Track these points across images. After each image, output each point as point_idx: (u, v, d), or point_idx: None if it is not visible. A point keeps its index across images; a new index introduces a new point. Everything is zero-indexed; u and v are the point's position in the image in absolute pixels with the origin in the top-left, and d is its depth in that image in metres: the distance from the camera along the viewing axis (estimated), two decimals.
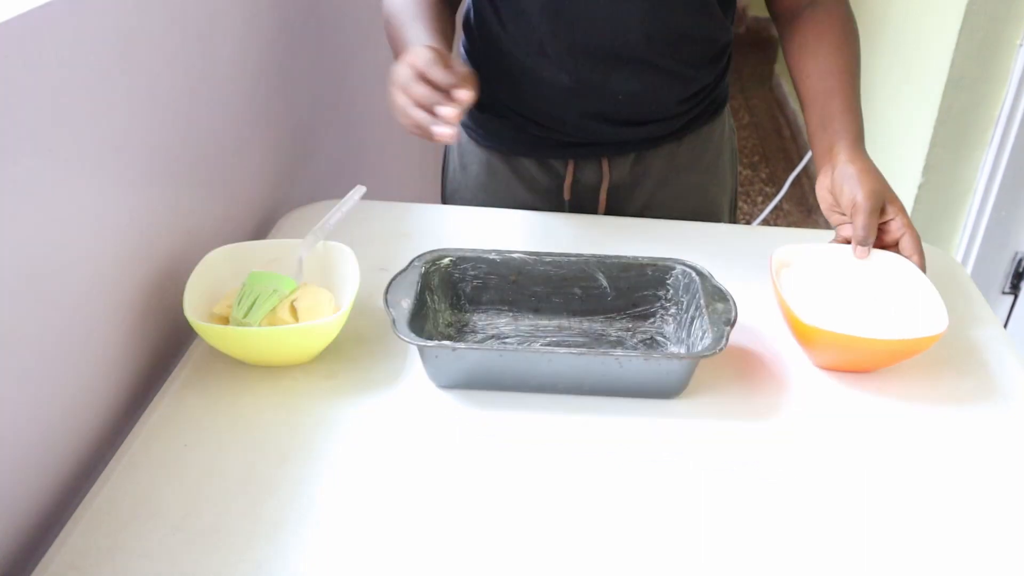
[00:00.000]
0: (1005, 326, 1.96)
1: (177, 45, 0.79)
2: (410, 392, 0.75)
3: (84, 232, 0.67)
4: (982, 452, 0.71)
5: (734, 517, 0.64)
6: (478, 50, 1.02)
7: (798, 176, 2.63)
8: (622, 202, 1.07)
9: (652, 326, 0.84)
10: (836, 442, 0.71)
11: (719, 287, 0.79)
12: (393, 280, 0.79)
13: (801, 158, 2.82)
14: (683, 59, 0.98)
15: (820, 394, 0.76)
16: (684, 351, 0.79)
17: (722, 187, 1.12)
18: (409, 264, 0.81)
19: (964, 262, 1.97)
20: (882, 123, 2.23)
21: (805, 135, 3.20)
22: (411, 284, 0.78)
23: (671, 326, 0.83)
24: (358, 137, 1.42)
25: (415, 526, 0.62)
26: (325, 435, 0.70)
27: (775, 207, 2.83)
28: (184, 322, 0.73)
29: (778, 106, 3.69)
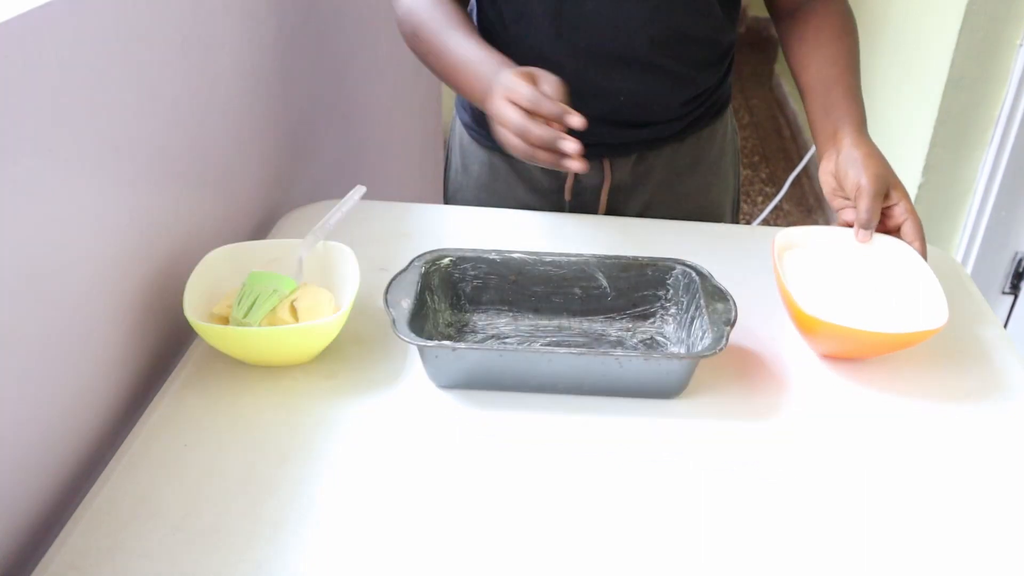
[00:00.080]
0: (1005, 326, 1.96)
1: (177, 45, 0.79)
2: (410, 392, 0.75)
3: (84, 232, 0.67)
4: (982, 452, 0.71)
5: (734, 517, 0.64)
6: None
7: (798, 176, 2.62)
8: (623, 203, 1.07)
9: (652, 326, 0.84)
10: (836, 442, 0.71)
11: (719, 287, 0.79)
12: (393, 280, 0.79)
13: (801, 158, 2.82)
14: (686, 61, 0.97)
15: (820, 394, 0.76)
16: (684, 351, 0.79)
17: (725, 188, 1.12)
18: (409, 264, 0.81)
19: (964, 262, 1.97)
20: (882, 123, 2.22)
21: (805, 135, 3.21)
22: (411, 284, 0.78)
23: (671, 326, 0.83)
24: (358, 137, 1.42)
25: (415, 526, 0.62)
26: (325, 435, 0.70)
27: (775, 207, 2.83)
28: (184, 322, 0.74)
29: (778, 106, 3.69)
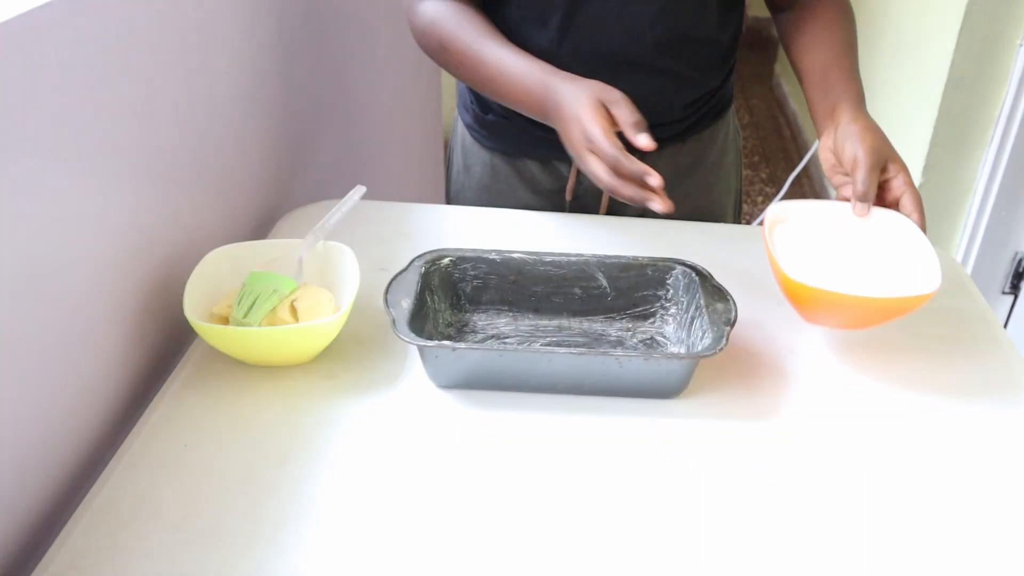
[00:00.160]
0: (1005, 326, 1.96)
1: (177, 45, 0.79)
2: (410, 392, 0.75)
3: (84, 232, 0.67)
4: (983, 452, 0.71)
5: (734, 517, 0.64)
6: None
7: (798, 176, 2.62)
8: (624, 204, 1.07)
9: (652, 326, 0.84)
10: (836, 442, 0.71)
11: (719, 287, 0.79)
12: (393, 280, 0.79)
13: (801, 158, 2.82)
14: (690, 63, 0.98)
15: (820, 394, 0.76)
16: (684, 351, 0.79)
17: (727, 188, 1.12)
18: (409, 264, 0.81)
19: (964, 262, 1.97)
20: (882, 123, 2.19)
21: (805, 135, 3.21)
22: (411, 284, 0.78)
23: (671, 326, 0.83)
24: (358, 137, 1.42)
25: (415, 526, 0.62)
26: (325, 435, 0.70)
27: None
28: (184, 322, 0.74)
29: (778, 106, 3.69)
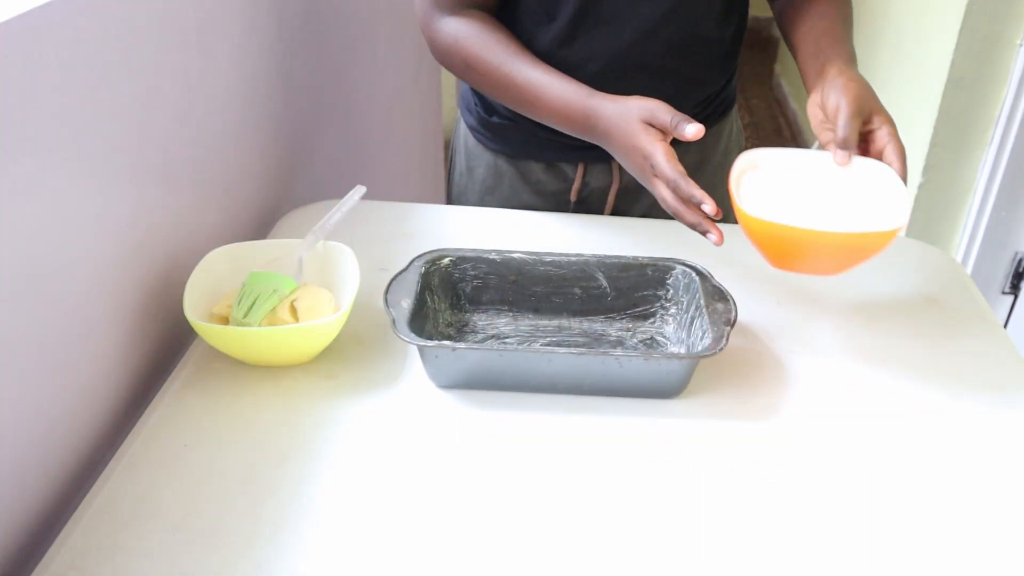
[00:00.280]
0: (1005, 326, 1.96)
1: (177, 45, 0.79)
2: (410, 392, 0.75)
3: (84, 232, 0.67)
4: (983, 452, 0.71)
5: (734, 517, 0.64)
6: None
7: None
8: (629, 204, 1.07)
9: (652, 326, 0.84)
10: (836, 442, 0.71)
11: (719, 287, 0.79)
12: (393, 280, 0.79)
13: None
14: (697, 64, 0.98)
15: (820, 394, 0.76)
16: (684, 351, 0.79)
17: None
18: (409, 264, 0.81)
19: (964, 262, 1.97)
20: None
21: (805, 135, 3.21)
22: (411, 284, 0.78)
23: (671, 326, 0.83)
24: (358, 137, 1.42)
25: (415, 526, 0.62)
26: (325, 435, 0.70)
27: None
28: (184, 322, 0.74)
29: (778, 106, 3.69)
